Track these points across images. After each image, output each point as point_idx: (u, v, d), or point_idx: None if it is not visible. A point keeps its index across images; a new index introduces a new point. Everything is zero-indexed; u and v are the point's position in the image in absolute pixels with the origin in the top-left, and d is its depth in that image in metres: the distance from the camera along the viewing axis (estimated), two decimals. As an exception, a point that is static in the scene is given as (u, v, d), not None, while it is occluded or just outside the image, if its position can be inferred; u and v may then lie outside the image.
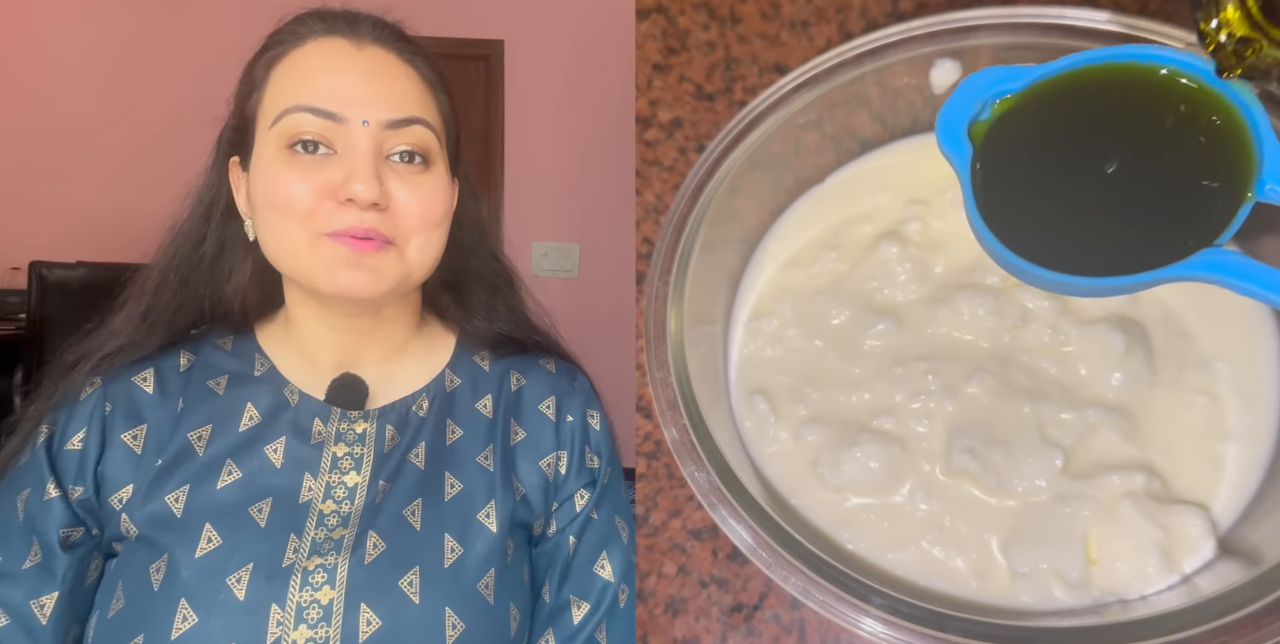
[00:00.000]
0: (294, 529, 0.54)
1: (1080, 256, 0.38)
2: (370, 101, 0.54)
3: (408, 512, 0.56)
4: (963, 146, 0.41)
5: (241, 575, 0.51)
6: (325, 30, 0.56)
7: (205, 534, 0.53)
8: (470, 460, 0.60)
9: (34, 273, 1.71)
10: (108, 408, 0.57)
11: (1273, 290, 0.35)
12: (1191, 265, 0.36)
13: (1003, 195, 0.40)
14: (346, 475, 0.57)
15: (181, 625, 0.50)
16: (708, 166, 0.53)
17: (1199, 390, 0.52)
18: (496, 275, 0.68)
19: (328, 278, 0.53)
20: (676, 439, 0.49)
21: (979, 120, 0.41)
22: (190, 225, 0.62)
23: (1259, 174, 0.36)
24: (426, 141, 0.56)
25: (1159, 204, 0.38)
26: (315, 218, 0.53)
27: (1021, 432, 0.52)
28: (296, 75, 0.55)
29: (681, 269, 0.52)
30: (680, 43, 0.67)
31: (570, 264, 3.19)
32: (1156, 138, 0.39)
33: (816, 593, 0.43)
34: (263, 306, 0.65)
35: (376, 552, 0.54)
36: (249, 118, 0.57)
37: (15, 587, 0.53)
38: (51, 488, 0.55)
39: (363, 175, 0.52)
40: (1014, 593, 0.50)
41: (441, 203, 0.57)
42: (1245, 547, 0.47)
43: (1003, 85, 0.41)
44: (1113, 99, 0.40)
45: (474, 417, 0.63)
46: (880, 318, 0.57)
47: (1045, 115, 0.40)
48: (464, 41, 3.08)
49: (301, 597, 0.51)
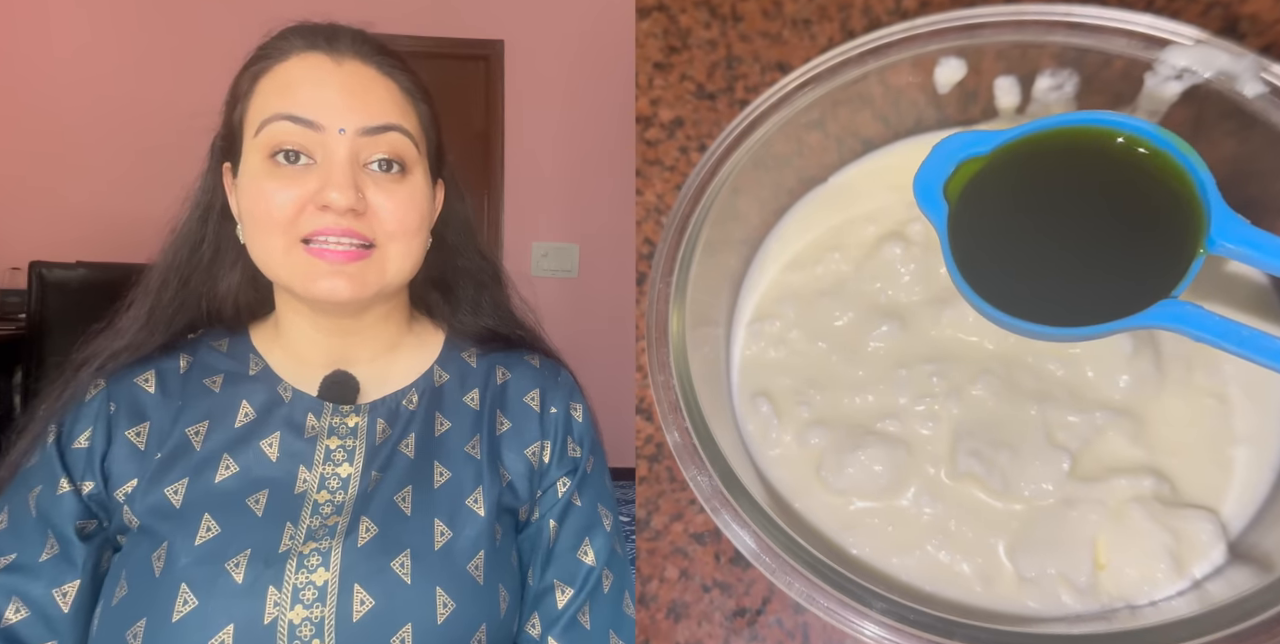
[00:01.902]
0: (290, 518, 0.57)
1: (1050, 307, 0.41)
2: (347, 110, 0.56)
3: (398, 498, 0.59)
4: (939, 205, 0.44)
5: (240, 561, 0.54)
6: (306, 46, 0.58)
7: (204, 523, 0.55)
8: (458, 450, 0.63)
9: (34, 273, 1.70)
10: (112, 408, 0.60)
11: (1224, 339, 0.38)
12: (1151, 316, 0.39)
13: (978, 249, 0.43)
14: (340, 467, 0.60)
15: (182, 608, 0.52)
16: (709, 166, 0.53)
17: (1208, 393, 0.51)
18: (483, 272, 0.71)
19: (308, 284, 0.56)
20: (679, 442, 0.48)
21: (954, 179, 0.44)
22: (189, 228, 0.64)
23: (1208, 231, 0.39)
24: (403, 149, 0.58)
25: (1120, 259, 0.41)
26: (295, 225, 0.55)
27: (1028, 434, 0.51)
28: (278, 87, 0.57)
29: (683, 270, 0.52)
30: (681, 41, 0.66)
31: (570, 264, 3.18)
32: (1118, 196, 0.42)
33: (820, 598, 0.43)
34: (256, 307, 0.68)
35: (369, 535, 0.56)
36: (236, 128, 0.60)
37: (34, 580, 0.55)
38: (64, 483, 0.57)
39: (339, 183, 0.54)
40: (1021, 598, 0.49)
41: (418, 210, 0.59)
42: (1257, 552, 0.46)
43: (972, 148, 0.44)
44: (1077, 159, 0.43)
45: (462, 409, 0.65)
46: (884, 319, 0.56)
47: (1015, 174, 0.43)
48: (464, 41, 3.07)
49: (298, 579, 0.53)
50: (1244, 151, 0.45)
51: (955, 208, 0.43)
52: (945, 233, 0.43)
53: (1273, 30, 0.56)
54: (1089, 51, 0.47)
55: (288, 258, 0.56)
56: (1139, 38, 0.45)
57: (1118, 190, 0.42)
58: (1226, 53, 0.43)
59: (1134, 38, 0.45)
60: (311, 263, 0.55)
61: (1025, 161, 0.43)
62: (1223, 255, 0.39)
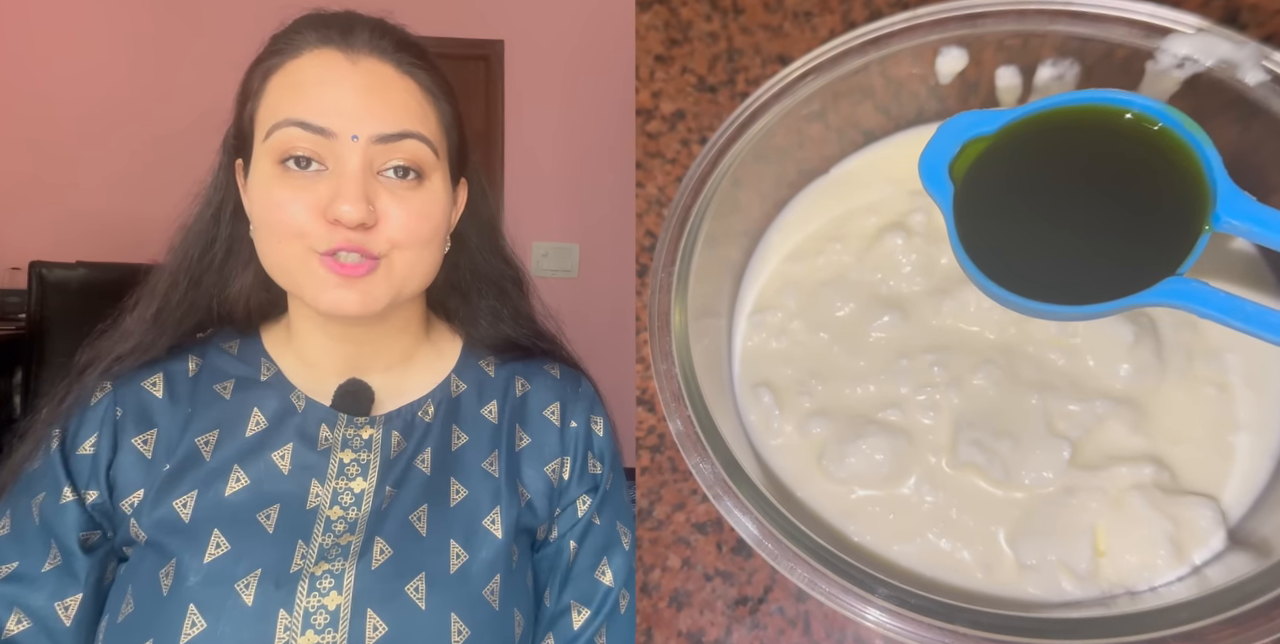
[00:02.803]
0: (301, 535, 0.55)
1: (1057, 285, 0.41)
2: (361, 116, 0.53)
3: (414, 518, 0.57)
4: (945, 185, 0.43)
5: (250, 581, 0.52)
6: (320, 40, 0.55)
7: (213, 540, 0.53)
8: (475, 466, 0.60)
9: (34, 273, 1.70)
10: (118, 413, 0.58)
11: (1230, 315, 0.38)
12: (1157, 293, 0.39)
13: (984, 229, 0.43)
14: (353, 482, 0.58)
15: (190, 631, 0.50)
16: (710, 158, 0.53)
17: (1208, 381, 0.51)
18: (505, 277, 0.69)
19: (317, 296, 0.54)
20: (681, 431, 0.48)
21: (959, 160, 0.44)
22: (200, 227, 0.62)
23: (1214, 208, 0.39)
24: (420, 156, 0.55)
25: (1127, 235, 0.41)
26: (307, 236, 0.53)
27: (1029, 423, 0.52)
28: (289, 87, 0.54)
29: (685, 261, 0.52)
30: (682, 34, 0.67)
31: (570, 264, 3.18)
32: (1123, 174, 0.42)
33: (822, 584, 0.43)
34: (268, 308, 0.65)
35: (383, 558, 0.54)
36: (247, 126, 0.57)
37: (36, 590, 0.54)
38: (67, 492, 0.55)
39: (349, 196, 0.52)
40: (1021, 585, 0.49)
41: (431, 220, 0.57)
42: (1256, 538, 0.46)
43: (978, 127, 0.43)
44: (1082, 138, 0.42)
45: (479, 422, 0.63)
46: (885, 310, 0.57)
47: (1020, 154, 0.43)
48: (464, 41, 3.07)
49: (309, 602, 0.52)
50: (1245, 140, 0.45)
51: (960, 188, 0.43)
52: (950, 213, 0.43)
53: (1274, 20, 0.56)
54: (1090, 40, 0.47)
55: (300, 267, 0.54)
56: (1140, 26, 0.45)
57: (1122, 169, 0.42)
58: (1228, 41, 0.44)
59: (1135, 26, 0.45)
60: (324, 276, 0.53)
61: (1030, 141, 0.43)
62: (1228, 232, 0.39)
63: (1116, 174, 0.42)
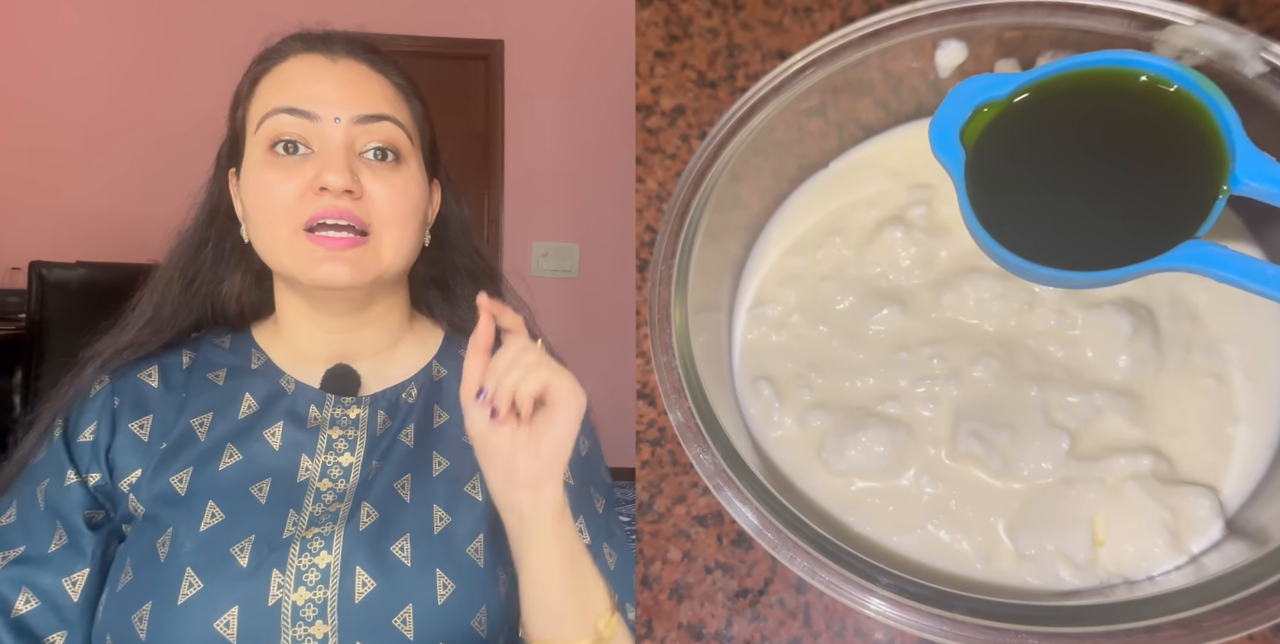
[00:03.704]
0: (293, 505, 0.58)
1: (1071, 252, 0.40)
2: (342, 101, 0.59)
3: (398, 485, 0.60)
4: (956, 151, 0.43)
5: (244, 546, 0.55)
6: (303, 48, 0.62)
7: (209, 510, 0.57)
8: (456, 440, 0.64)
9: (34, 273, 1.70)
10: (116, 402, 0.61)
11: (1249, 278, 0.37)
12: (1174, 257, 0.39)
13: (995, 196, 0.42)
14: (341, 456, 0.61)
15: (187, 591, 0.53)
16: (710, 153, 0.53)
17: (1207, 373, 0.51)
18: (480, 270, 0.74)
19: (309, 269, 0.58)
20: (681, 423, 0.49)
21: (970, 126, 0.43)
22: (195, 230, 0.67)
23: (1232, 170, 0.39)
24: (396, 138, 0.61)
25: (1143, 200, 0.40)
26: (295, 212, 0.57)
27: (1027, 415, 0.52)
28: (277, 85, 0.60)
29: (685, 255, 0.52)
30: (682, 30, 0.67)
31: (570, 264, 3.19)
32: (1138, 138, 0.41)
33: (823, 573, 0.43)
34: (259, 307, 0.70)
35: (370, 520, 0.57)
36: (239, 129, 0.63)
37: (44, 570, 0.56)
38: (71, 474, 0.59)
39: (335, 166, 0.57)
40: (1020, 575, 0.49)
41: (411, 198, 0.61)
42: (1253, 527, 0.46)
43: (990, 92, 0.43)
44: (1096, 102, 0.42)
45: (459, 402, 0.65)
46: (885, 303, 0.57)
47: (1032, 119, 0.43)
48: (464, 41, 3.08)
49: (301, 562, 0.55)
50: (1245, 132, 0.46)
51: (972, 155, 0.43)
52: (961, 180, 0.43)
53: (1273, 13, 0.56)
54: (1089, 33, 0.47)
55: (290, 245, 0.58)
56: (1140, 19, 0.45)
57: (1136, 133, 0.41)
58: (1227, 32, 0.44)
59: (1135, 19, 0.46)
60: (312, 249, 0.57)
61: (1043, 106, 0.42)
62: (1246, 195, 0.39)
63: (1130, 138, 0.41)
